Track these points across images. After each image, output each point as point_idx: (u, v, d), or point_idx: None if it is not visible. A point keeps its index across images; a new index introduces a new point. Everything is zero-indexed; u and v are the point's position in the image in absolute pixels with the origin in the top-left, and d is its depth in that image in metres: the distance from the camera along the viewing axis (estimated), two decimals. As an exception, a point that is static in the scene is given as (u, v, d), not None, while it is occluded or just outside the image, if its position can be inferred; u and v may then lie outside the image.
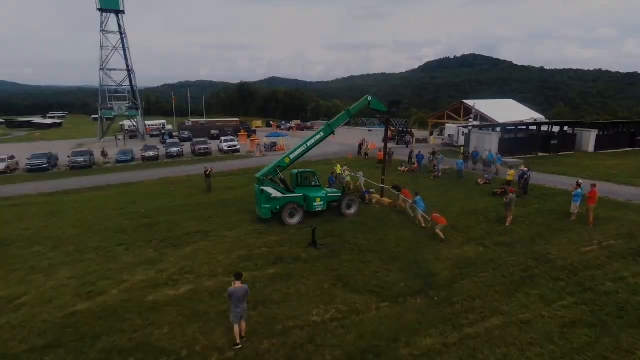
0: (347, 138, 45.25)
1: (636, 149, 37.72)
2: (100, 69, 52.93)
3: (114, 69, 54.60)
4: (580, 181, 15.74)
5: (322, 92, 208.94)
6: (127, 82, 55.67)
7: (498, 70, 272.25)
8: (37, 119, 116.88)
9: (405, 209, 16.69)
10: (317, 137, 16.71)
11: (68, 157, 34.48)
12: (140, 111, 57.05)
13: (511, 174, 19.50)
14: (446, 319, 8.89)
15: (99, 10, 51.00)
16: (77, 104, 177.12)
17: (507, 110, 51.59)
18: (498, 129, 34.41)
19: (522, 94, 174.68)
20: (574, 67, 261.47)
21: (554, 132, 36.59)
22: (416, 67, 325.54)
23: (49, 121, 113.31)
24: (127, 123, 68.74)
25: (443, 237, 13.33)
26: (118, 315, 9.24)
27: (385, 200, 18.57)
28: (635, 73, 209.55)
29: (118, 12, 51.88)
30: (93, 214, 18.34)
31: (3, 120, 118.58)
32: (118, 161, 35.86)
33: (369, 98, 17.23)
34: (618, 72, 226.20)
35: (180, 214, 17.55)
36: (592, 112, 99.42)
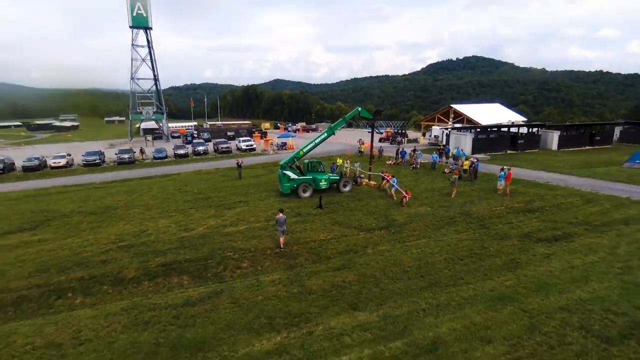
0: (347, 139, 52.15)
1: (595, 147, 44.29)
2: (131, 79, 60.37)
3: (142, 78, 62.05)
4: (505, 167, 22.40)
5: (326, 94, 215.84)
6: (152, 89, 63.05)
7: (500, 72, 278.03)
8: (56, 122, 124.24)
9: (385, 188, 23.47)
10: (322, 136, 23.61)
11: (115, 154, 41.72)
12: (165, 115, 64.36)
13: (466, 164, 26.20)
14: (396, 239, 15.68)
15: (131, 27, 58.37)
16: (86, 107, 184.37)
17: (492, 114, 58.20)
18: (475, 131, 41.06)
19: (523, 96, 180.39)
20: (576, 68, 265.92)
21: (522, 133, 43.21)
22: (419, 69, 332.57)
23: (67, 124, 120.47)
24: (142, 125, 75.74)
25: (404, 205, 20.07)
26: (209, 237, 16.17)
27: (372, 182, 25.42)
28: (635, 74, 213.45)
29: (147, 28, 59.25)
30: (160, 192, 25.30)
31: (20, 123, 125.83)
32: (155, 158, 42.95)
33: (359, 109, 24.09)
34: (619, 74, 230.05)
35: (224, 192, 24.49)
36: (580, 114, 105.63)
